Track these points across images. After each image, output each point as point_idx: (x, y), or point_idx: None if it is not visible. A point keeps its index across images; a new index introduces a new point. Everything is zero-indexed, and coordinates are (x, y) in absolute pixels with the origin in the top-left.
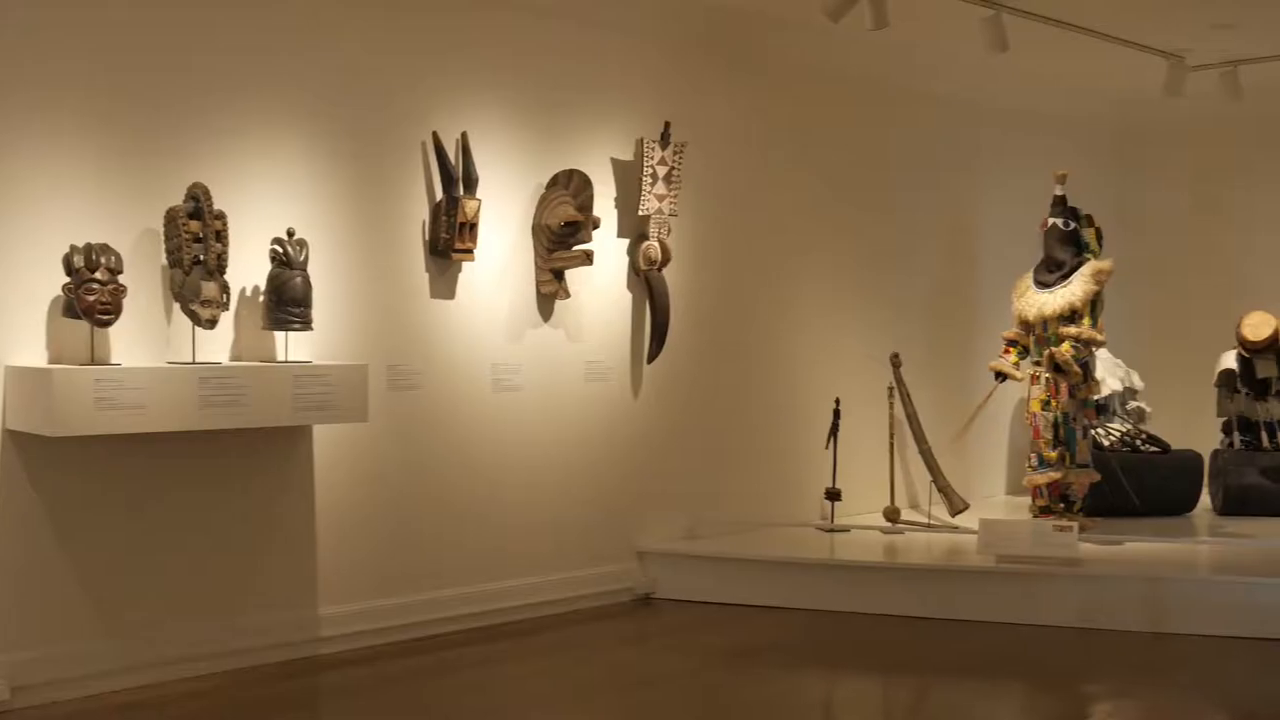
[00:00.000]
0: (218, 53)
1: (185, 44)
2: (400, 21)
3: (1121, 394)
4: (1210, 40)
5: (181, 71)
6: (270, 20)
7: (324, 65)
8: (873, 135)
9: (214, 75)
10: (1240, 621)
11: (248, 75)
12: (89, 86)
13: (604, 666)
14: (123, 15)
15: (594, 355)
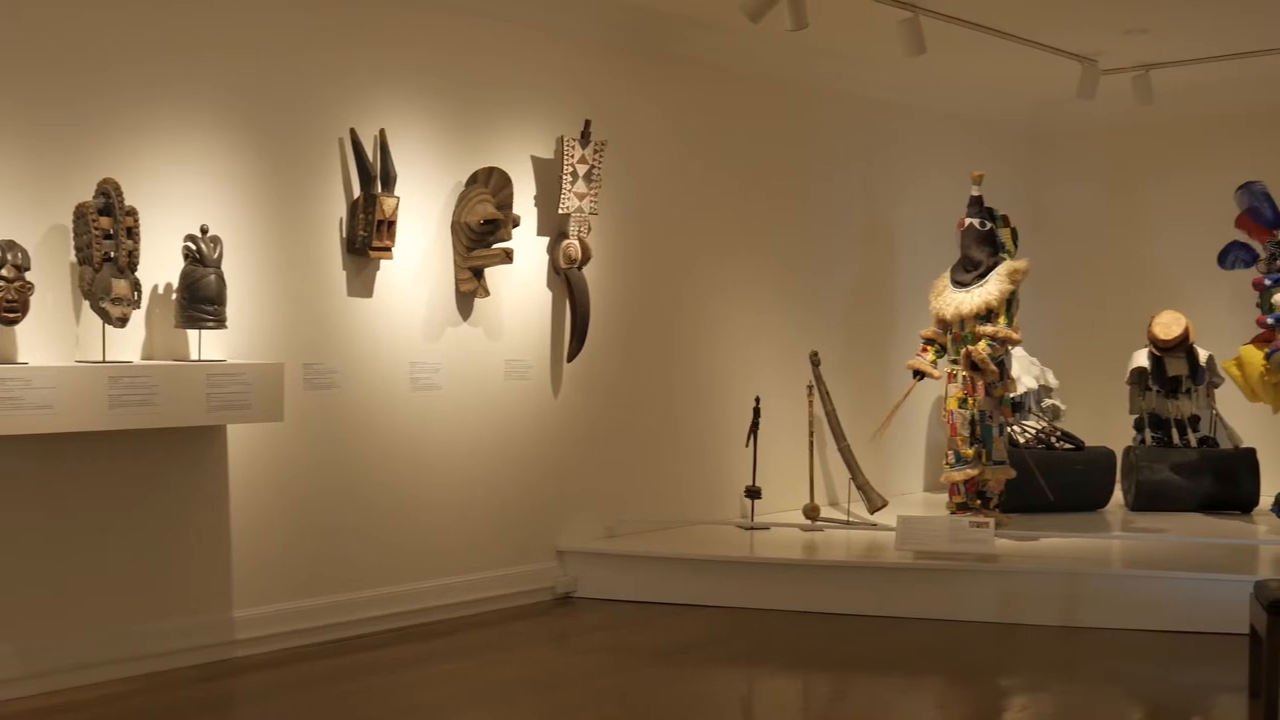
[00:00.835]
0: (130, 48)
1: (96, 40)
2: (317, 18)
3: (1037, 392)
4: (1123, 44)
5: (93, 67)
6: (185, 16)
7: (240, 61)
8: (792, 135)
9: (126, 71)
10: (1152, 615)
11: (161, 71)
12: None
13: (523, 666)
14: (34, 13)
15: (514, 354)
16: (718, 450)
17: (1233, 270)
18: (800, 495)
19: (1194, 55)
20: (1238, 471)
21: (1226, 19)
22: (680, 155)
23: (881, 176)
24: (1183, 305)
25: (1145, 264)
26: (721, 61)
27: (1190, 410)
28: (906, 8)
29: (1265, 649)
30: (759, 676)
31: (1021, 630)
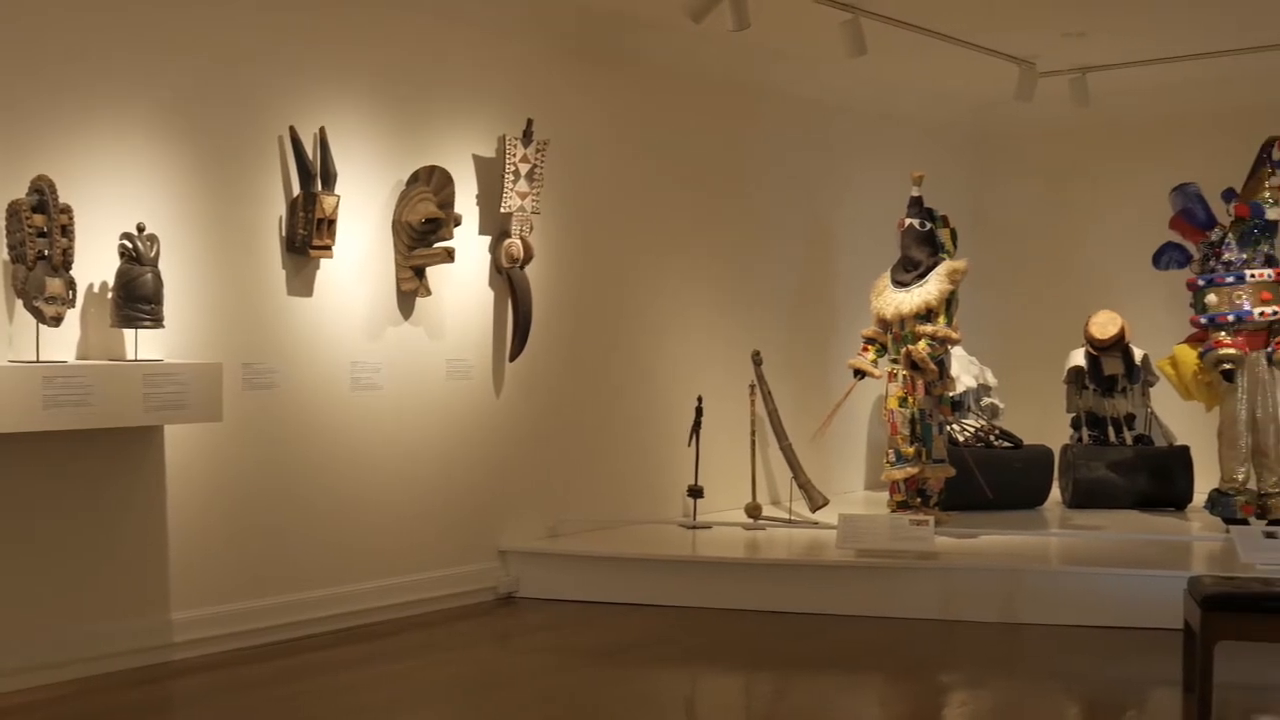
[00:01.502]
0: (67, 44)
1: (31, 37)
2: (256, 15)
3: (976, 391)
4: (1060, 47)
5: (29, 63)
6: (121, 13)
7: (178, 58)
8: (734, 135)
9: (61, 68)
10: (1089, 611)
11: (98, 68)
12: None
13: (466, 667)
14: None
15: (455, 353)
16: (660, 450)
17: (1167, 271)
18: (742, 494)
19: (1130, 59)
20: (1172, 469)
21: (1162, 23)
22: (623, 154)
23: (823, 177)
24: (1119, 305)
25: (1082, 264)
26: (664, 61)
27: (1126, 409)
28: (847, 9)
29: (1198, 644)
30: (702, 675)
31: (961, 627)
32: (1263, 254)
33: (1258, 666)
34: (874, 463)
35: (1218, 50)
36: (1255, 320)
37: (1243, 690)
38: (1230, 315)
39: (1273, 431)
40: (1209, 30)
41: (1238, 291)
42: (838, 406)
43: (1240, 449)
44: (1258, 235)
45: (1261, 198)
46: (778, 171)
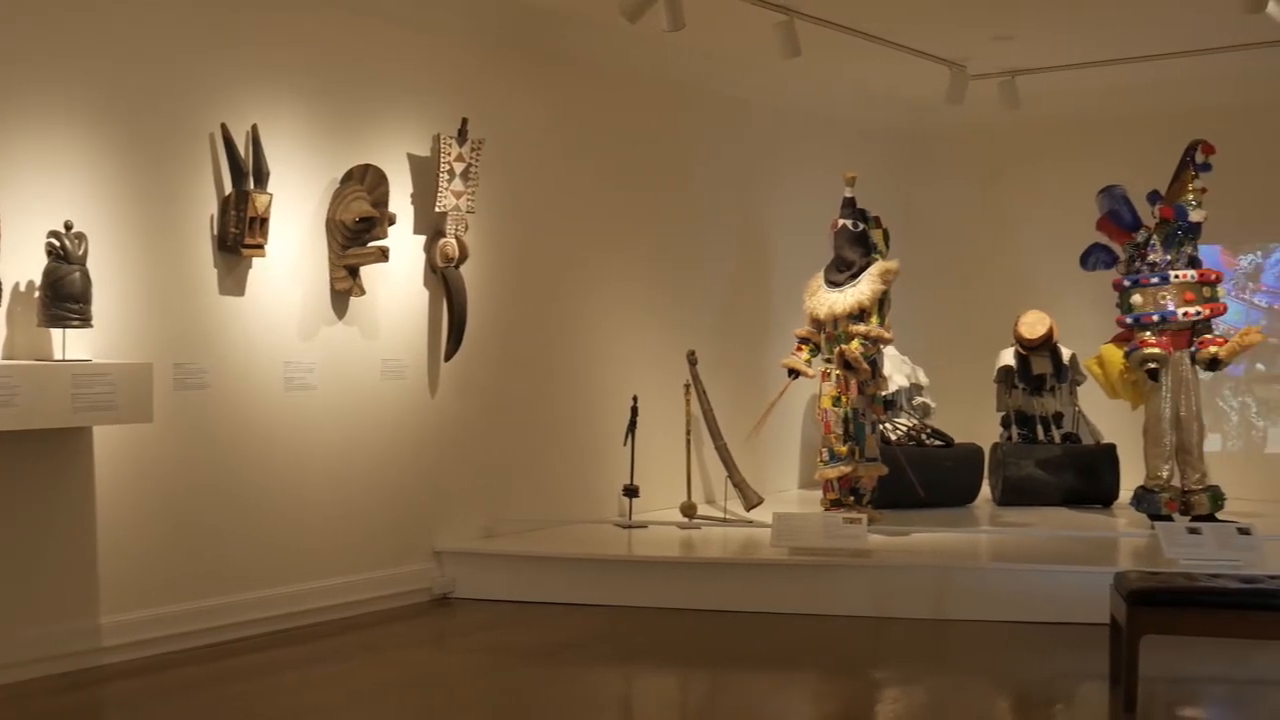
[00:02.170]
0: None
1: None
2: (189, 11)
3: (908, 390)
4: (990, 50)
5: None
6: (49, 9)
7: (106, 54)
8: (670, 135)
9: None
10: (1018, 607)
11: (24, 63)
12: None
13: (402, 668)
14: None
15: (390, 353)
16: (595, 449)
17: (1094, 271)
18: (678, 493)
19: (1057, 62)
20: (1099, 466)
21: (1088, 28)
22: (558, 154)
23: (757, 177)
24: (1047, 305)
25: (1011, 265)
26: (599, 61)
27: (1054, 407)
28: (781, 11)
29: (1124, 638)
30: (637, 674)
31: (893, 623)
32: (1186, 255)
33: (1182, 659)
34: (808, 461)
35: (1143, 55)
36: (1179, 320)
37: (1167, 683)
38: (1155, 315)
39: (1196, 429)
40: (1135, 35)
41: (1162, 292)
42: (772, 406)
43: (1164, 447)
44: (1181, 237)
45: (1185, 200)
46: (712, 171)
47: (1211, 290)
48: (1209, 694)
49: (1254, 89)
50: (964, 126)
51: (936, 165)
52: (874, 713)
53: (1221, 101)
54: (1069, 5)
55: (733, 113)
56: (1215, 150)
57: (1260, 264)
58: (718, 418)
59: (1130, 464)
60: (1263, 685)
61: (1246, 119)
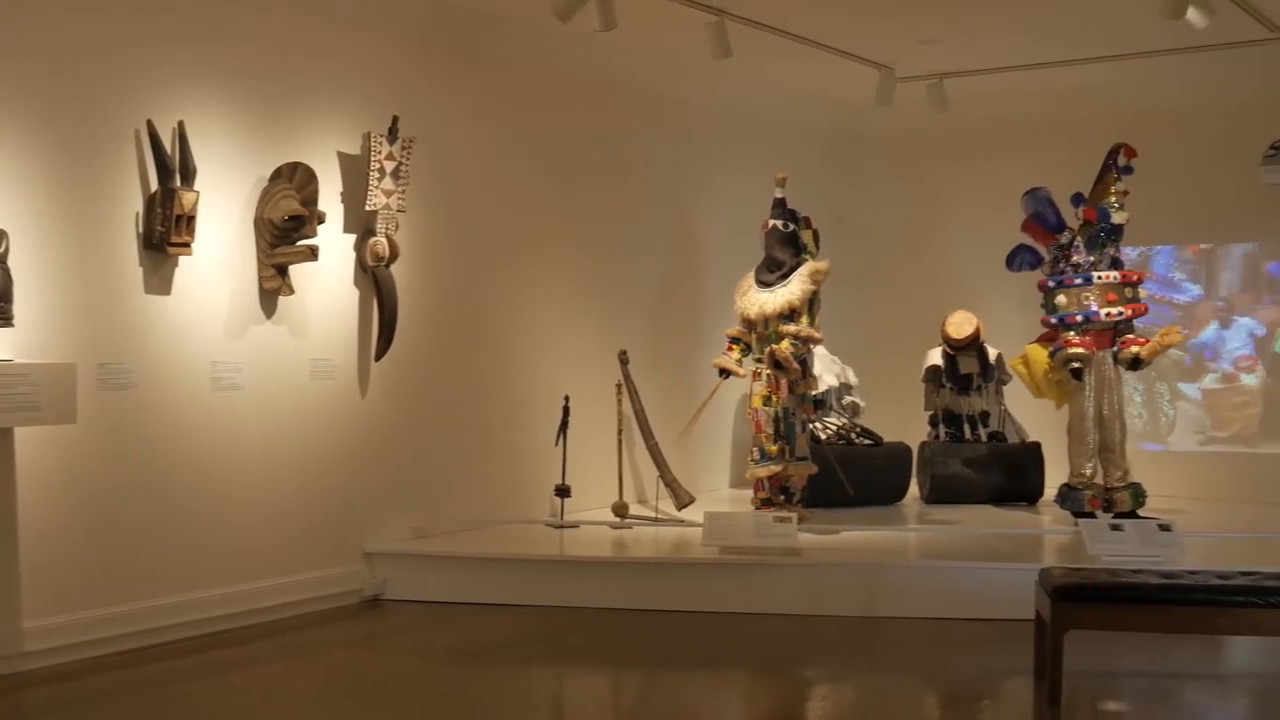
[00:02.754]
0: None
1: None
2: (112, 6)
3: (838, 389)
4: (918, 54)
5: None
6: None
7: (28, 49)
8: (602, 135)
9: None
10: (945, 603)
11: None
12: None
13: (332, 671)
14: None
15: (320, 353)
16: (527, 449)
17: (1019, 272)
18: (609, 493)
19: (984, 66)
20: (1024, 465)
21: (1014, 32)
22: (489, 153)
23: (688, 177)
24: (974, 305)
25: (939, 265)
26: (531, 60)
27: (981, 406)
28: (713, 11)
29: (1049, 633)
30: (569, 674)
31: (823, 621)
32: (1109, 256)
33: (1105, 654)
34: (739, 461)
35: (1067, 60)
36: (1102, 320)
37: (1091, 677)
38: (1078, 315)
39: (1118, 428)
40: (1058, 40)
41: (1085, 293)
42: (703, 405)
43: (1088, 445)
44: (1104, 239)
45: (1108, 202)
46: (644, 171)
47: (1133, 291)
48: (1131, 688)
49: (1174, 93)
50: (893, 128)
51: (866, 166)
52: (804, 710)
53: (1143, 106)
54: (994, 10)
55: (665, 113)
56: (1137, 154)
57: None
58: (649, 417)
59: (1055, 462)
60: (1183, 679)
61: (1167, 122)
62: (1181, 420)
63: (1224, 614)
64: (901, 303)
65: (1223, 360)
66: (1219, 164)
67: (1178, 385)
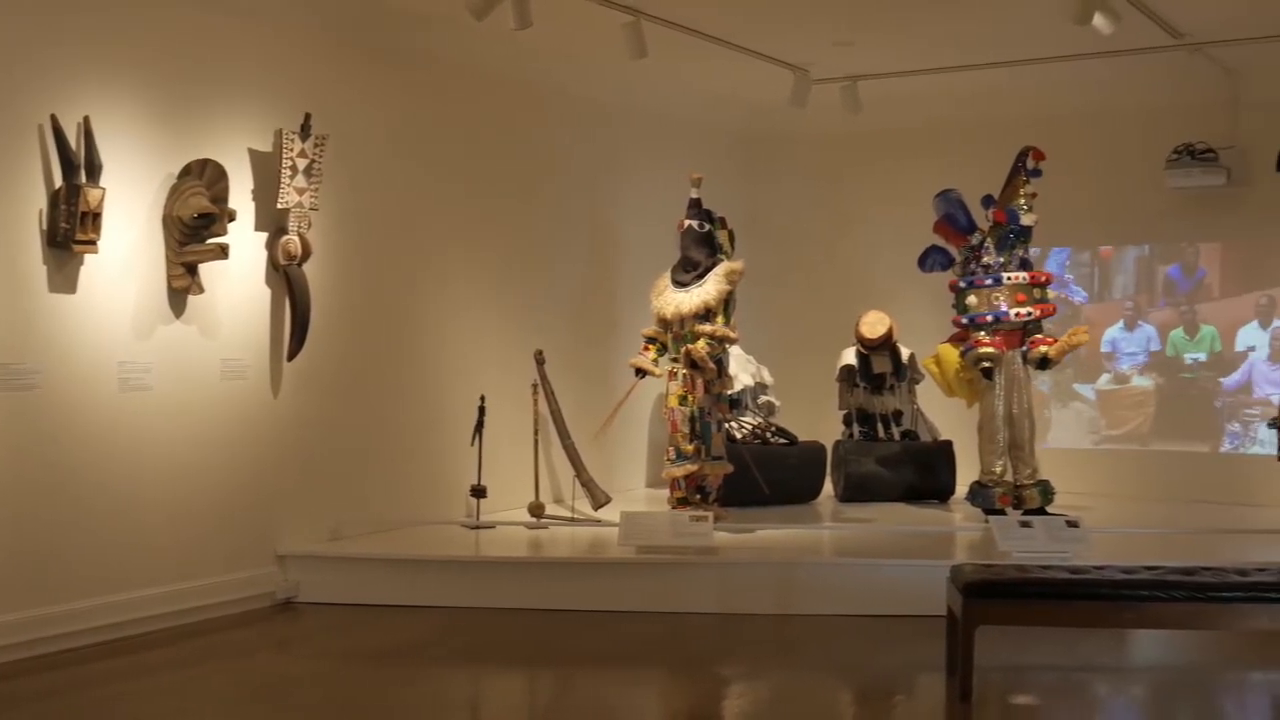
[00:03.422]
0: None
1: None
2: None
3: (753, 389)
4: (832, 56)
5: None
6: None
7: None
8: (518, 134)
9: None
10: (859, 600)
11: None
12: None
13: (244, 676)
14: None
15: (230, 353)
16: (442, 449)
17: (931, 273)
18: (525, 493)
19: (897, 68)
20: (936, 463)
21: (926, 36)
22: (404, 151)
23: (605, 177)
24: (887, 305)
25: (853, 266)
26: (447, 58)
27: (894, 405)
28: (629, 12)
29: (960, 629)
30: (485, 675)
31: (739, 619)
32: (1018, 258)
33: (1015, 649)
34: (655, 460)
35: (978, 63)
36: (1011, 320)
37: (1001, 671)
38: (989, 315)
39: (1027, 426)
40: (970, 44)
41: (996, 293)
42: (619, 405)
43: (998, 443)
44: (1014, 240)
45: (1017, 204)
46: (560, 171)
47: (1041, 291)
48: (1040, 681)
49: (1082, 98)
50: (807, 129)
51: (781, 167)
52: (720, 708)
53: (1052, 109)
54: (908, 14)
55: (582, 113)
56: (1045, 157)
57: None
58: (565, 417)
59: (966, 460)
60: (1090, 671)
61: (1075, 126)
62: (1076, 419)
63: (1129, 608)
64: (816, 303)
65: (1120, 361)
66: (1125, 168)
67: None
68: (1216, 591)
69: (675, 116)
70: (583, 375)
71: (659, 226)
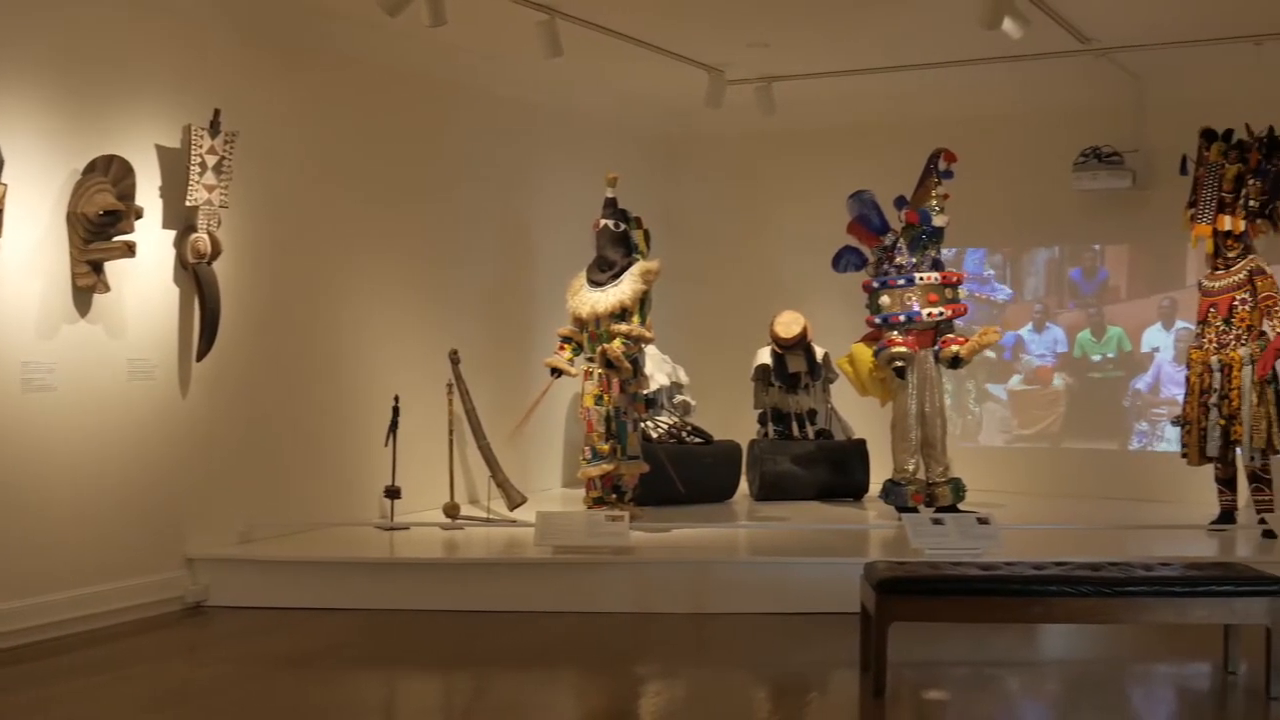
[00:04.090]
0: None
1: None
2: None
3: (669, 388)
4: (746, 57)
5: None
6: None
7: None
8: (433, 132)
9: None
10: (775, 598)
11: None
12: None
13: (152, 682)
14: None
15: (138, 352)
16: (356, 450)
17: (845, 273)
18: (440, 494)
19: (811, 70)
20: (850, 461)
21: (840, 39)
22: (316, 149)
23: (521, 176)
24: (801, 305)
25: (768, 266)
26: (360, 55)
27: (809, 404)
28: (544, 10)
29: (874, 626)
30: (400, 678)
31: (656, 619)
32: (930, 258)
33: (928, 645)
34: (571, 460)
35: (891, 66)
36: (923, 320)
37: (914, 667)
38: (901, 315)
39: (939, 424)
40: (883, 47)
41: (908, 293)
42: (535, 405)
43: (911, 441)
44: (926, 241)
45: (929, 205)
46: (476, 170)
47: (953, 291)
48: (951, 676)
49: (993, 100)
50: (722, 130)
51: (697, 167)
52: (636, 707)
53: (964, 112)
54: (822, 16)
55: (497, 112)
56: (956, 158)
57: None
58: (481, 417)
59: (879, 458)
60: (1000, 666)
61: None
62: (989, 419)
63: (1038, 603)
64: (731, 302)
65: (1031, 361)
66: (1036, 170)
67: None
68: (1122, 586)
69: (591, 116)
70: (498, 375)
71: (575, 226)
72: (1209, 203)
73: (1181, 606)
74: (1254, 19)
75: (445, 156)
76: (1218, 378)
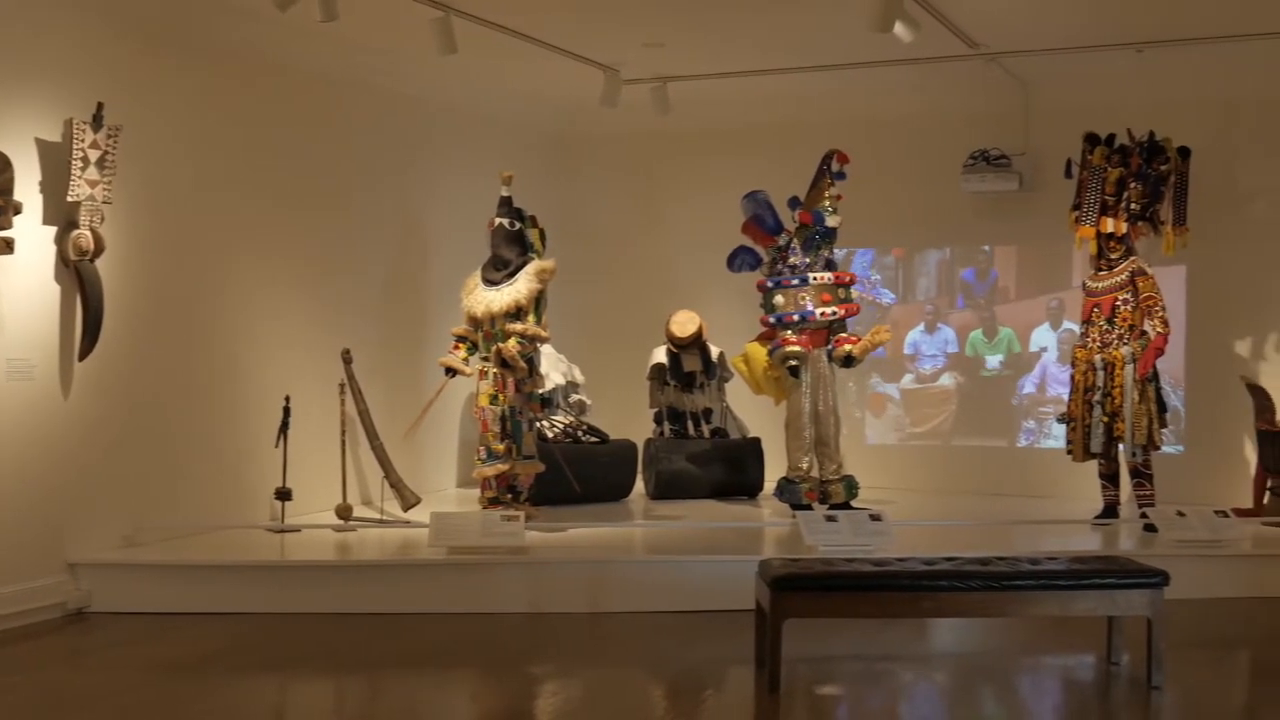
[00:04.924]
0: None
1: None
2: None
3: (564, 388)
4: (642, 57)
5: None
6: None
7: None
8: (325, 129)
9: None
10: (671, 597)
11: None
12: None
13: (31, 691)
14: None
15: (16, 352)
16: (246, 451)
17: (740, 273)
18: (332, 495)
19: (706, 70)
20: (745, 460)
21: (735, 40)
22: (206, 145)
23: (415, 175)
24: (696, 305)
25: (664, 265)
26: (251, 50)
27: (704, 403)
28: (438, 7)
29: (768, 622)
30: (291, 682)
31: (552, 619)
32: (824, 258)
33: (822, 640)
34: (466, 460)
35: (786, 67)
36: (817, 320)
37: (809, 663)
38: (795, 315)
39: (833, 423)
40: (778, 49)
41: (802, 293)
42: (429, 405)
43: (805, 439)
44: (819, 241)
45: (822, 206)
46: (369, 167)
47: (846, 291)
48: (845, 671)
49: (885, 103)
50: (618, 129)
51: (592, 166)
52: (532, 707)
53: (857, 114)
54: (717, 17)
55: (391, 109)
56: (849, 159)
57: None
58: (374, 417)
59: (774, 457)
60: (893, 660)
61: (879, 130)
62: (883, 417)
63: (929, 598)
64: (626, 302)
65: (922, 361)
66: (927, 172)
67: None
68: (1010, 581)
69: (486, 114)
70: (391, 375)
71: (469, 224)
72: (1092, 205)
73: (1067, 599)
74: (1136, 27)
75: (338, 154)
76: (1101, 376)
